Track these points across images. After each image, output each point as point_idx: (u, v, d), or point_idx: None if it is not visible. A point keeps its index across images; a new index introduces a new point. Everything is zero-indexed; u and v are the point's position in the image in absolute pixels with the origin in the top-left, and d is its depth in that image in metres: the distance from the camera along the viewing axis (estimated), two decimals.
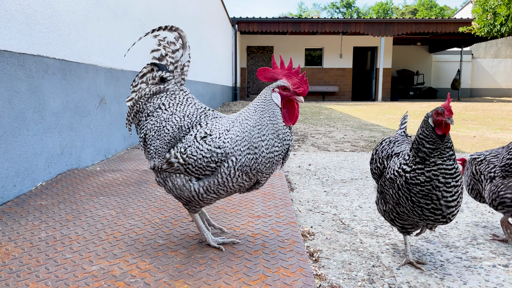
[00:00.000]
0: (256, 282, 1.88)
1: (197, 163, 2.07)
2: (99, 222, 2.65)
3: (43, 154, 3.47)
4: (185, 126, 2.20)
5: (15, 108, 3.07)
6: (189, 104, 2.30)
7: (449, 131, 2.02)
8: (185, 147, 2.12)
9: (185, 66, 2.42)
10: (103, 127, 4.69)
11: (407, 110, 2.90)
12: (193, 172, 2.10)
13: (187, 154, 2.09)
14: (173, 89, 2.35)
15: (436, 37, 23.57)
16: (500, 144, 6.72)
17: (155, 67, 2.40)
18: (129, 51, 5.23)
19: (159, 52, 2.42)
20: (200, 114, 2.24)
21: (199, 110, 2.27)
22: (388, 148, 2.43)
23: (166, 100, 2.32)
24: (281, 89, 2.05)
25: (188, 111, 2.25)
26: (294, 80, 2.04)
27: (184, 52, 2.42)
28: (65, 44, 3.84)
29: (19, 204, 2.96)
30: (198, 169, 2.08)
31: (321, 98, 23.52)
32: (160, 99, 2.33)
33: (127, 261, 2.11)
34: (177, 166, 2.12)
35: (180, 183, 2.15)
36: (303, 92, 2.03)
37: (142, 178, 3.78)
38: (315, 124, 9.59)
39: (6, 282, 1.87)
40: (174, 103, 2.30)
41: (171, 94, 2.34)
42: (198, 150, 2.08)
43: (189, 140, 2.14)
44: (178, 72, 2.40)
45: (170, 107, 2.29)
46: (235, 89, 19.28)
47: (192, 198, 2.14)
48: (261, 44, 23.42)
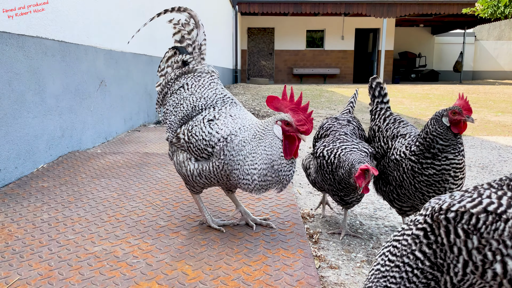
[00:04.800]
0: (256, 263, 1.91)
1: (197, 143, 2.09)
2: (100, 204, 2.67)
3: (44, 136, 3.47)
4: (199, 107, 2.23)
5: (15, 90, 3.06)
6: (211, 88, 2.31)
7: None
8: (192, 125, 2.16)
9: (202, 46, 2.46)
10: (103, 110, 4.68)
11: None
12: (193, 152, 2.12)
13: (192, 132, 2.13)
14: (201, 70, 2.38)
15: (439, 18, 23.27)
16: (502, 127, 6.71)
17: (177, 51, 2.44)
18: (128, 33, 5.18)
19: (179, 35, 2.44)
20: (217, 100, 2.26)
21: (217, 95, 2.28)
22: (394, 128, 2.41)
23: (191, 80, 2.35)
24: (284, 124, 1.97)
25: (207, 94, 2.27)
26: (300, 117, 1.95)
27: (199, 31, 2.44)
28: (64, 25, 3.80)
29: (21, 186, 2.98)
30: (197, 150, 2.10)
31: (322, 80, 23.38)
32: (186, 78, 2.37)
33: (129, 242, 2.13)
34: (183, 142, 2.16)
35: (181, 159, 2.19)
36: (307, 131, 1.94)
37: (143, 161, 3.79)
38: (316, 107, 9.56)
39: (9, 262, 1.90)
40: (197, 85, 2.32)
41: (198, 76, 2.36)
42: (201, 131, 2.10)
43: (198, 120, 2.17)
44: (197, 52, 2.44)
45: (191, 88, 2.32)
46: (235, 72, 19.15)
47: (187, 177, 2.17)
48: (262, 25, 23.14)
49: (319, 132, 2.57)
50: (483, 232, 1.13)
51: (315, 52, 23.58)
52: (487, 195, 1.18)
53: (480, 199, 1.17)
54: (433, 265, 1.23)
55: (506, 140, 5.62)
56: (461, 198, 1.22)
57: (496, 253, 1.13)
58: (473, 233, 1.14)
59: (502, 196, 1.17)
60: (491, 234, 1.13)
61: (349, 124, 2.50)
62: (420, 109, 9.28)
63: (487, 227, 1.13)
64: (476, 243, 1.14)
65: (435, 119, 2.02)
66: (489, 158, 4.50)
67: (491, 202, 1.15)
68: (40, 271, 1.82)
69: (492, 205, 1.14)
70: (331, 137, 2.41)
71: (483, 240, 1.13)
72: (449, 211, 1.17)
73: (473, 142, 5.48)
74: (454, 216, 1.16)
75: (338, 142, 2.32)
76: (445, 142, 1.98)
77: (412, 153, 2.08)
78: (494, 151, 4.89)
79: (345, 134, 2.40)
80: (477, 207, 1.15)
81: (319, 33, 23.95)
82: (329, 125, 2.52)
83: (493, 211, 1.13)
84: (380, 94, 2.53)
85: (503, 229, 1.12)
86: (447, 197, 1.26)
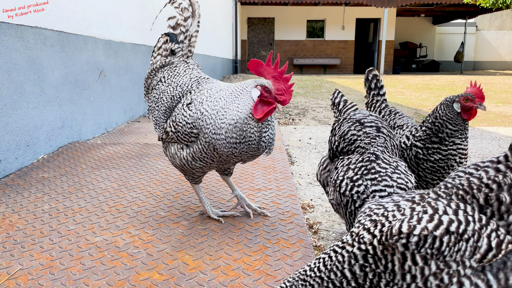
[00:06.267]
0: (256, 253, 1.92)
1: (183, 129, 2.08)
2: (101, 195, 2.68)
3: (43, 127, 3.47)
4: (177, 96, 2.22)
5: (14, 81, 3.05)
6: (185, 75, 2.30)
7: None
8: (175, 115, 2.15)
9: (192, 37, 2.42)
10: (103, 100, 4.67)
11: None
12: (182, 140, 2.10)
13: (176, 122, 2.11)
14: (177, 62, 2.37)
15: (440, 8, 23.10)
16: (502, 118, 6.70)
17: (168, 38, 2.42)
18: (127, 23, 5.15)
19: (174, 20, 2.42)
20: (192, 83, 2.24)
21: (192, 79, 2.26)
22: (390, 120, 2.43)
23: (167, 73, 2.35)
24: (263, 89, 1.93)
25: (182, 81, 2.26)
26: (280, 86, 1.92)
27: (193, 21, 2.40)
28: (63, 16, 3.77)
29: (21, 176, 2.98)
30: (185, 136, 2.08)
31: (322, 71, 23.29)
32: (162, 72, 2.36)
33: (129, 232, 2.14)
34: (171, 134, 2.15)
35: (173, 151, 2.18)
36: (284, 101, 1.91)
37: (143, 151, 3.80)
38: (316, 97, 9.54)
39: (11, 253, 1.91)
40: (172, 75, 2.32)
41: (174, 67, 2.36)
42: (183, 116, 2.09)
43: (178, 108, 2.16)
44: (186, 43, 2.41)
45: (168, 79, 2.31)
46: (235, 62, 19.06)
47: (183, 165, 2.16)
48: (262, 15, 22.98)
49: (338, 143, 1.96)
50: (446, 255, 1.05)
51: (316, 42, 23.46)
52: (443, 210, 1.09)
53: (439, 217, 1.07)
54: (358, 287, 1.15)
55: (506, 131, 5.61)
56: (415, 215, 1.10)
57: (453, 276, 1.06)
58: (433, 258, 1.05)
59: (458, 211, 1.09)
60: (453, 256, 1.06)
61: (379, 134, 1.87)
62: (421, 99, 9.26)
63: (450, 249, 1.05)
64: (434, 268, 1.06)
65: (446, 105, 2.05)
66: (489, 149, 4.50)
67: (451, 220, 1.07)
68: (42, 261, 1.84)
69: (453, 224, 1.06)
70: (357, 159, 1.80)
71: (441, 264, 1.06)
72: (412, 235, 1.05)
73: (473, 132, 5.47)
74: (417, 241, 1.05)
75: (367, 173, 1.71)
76: (454, 127, 2.00)
77: (417, 138, 2.10)
78: (494, 142, 4.89)
79: (376, 157, 1.76)
80: (439, 227, 1.05)
81: (319, 23, 23.79)
82: (353, 136, 1.90)
83: (455, 231, 1.05)
84: (377, 86, 2.53)
85: (465, 249, 1.05)
86: (396, 213, 1.14)
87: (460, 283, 1.06)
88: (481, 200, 1.11)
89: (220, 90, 2.07)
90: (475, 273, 1.07)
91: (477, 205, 1.11)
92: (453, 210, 1.09)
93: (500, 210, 1.10)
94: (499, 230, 1.09)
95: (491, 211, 1.11)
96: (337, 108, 2.19)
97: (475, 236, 1.06)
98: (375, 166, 1.70)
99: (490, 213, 1.11)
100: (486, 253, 1.07)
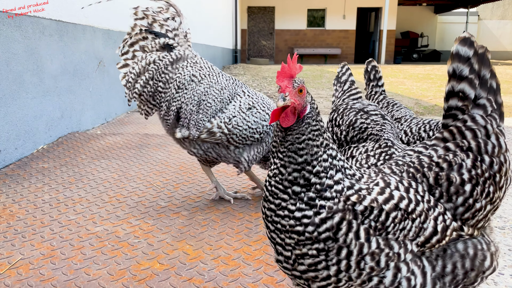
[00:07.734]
0: (256, 243, 1.93)
1: (242, 133, 2.17)
2: (101, 185, 2.68)
3: (43, 117, 3.46)
4: (226, 98, 2.24)
5: (13, 71, 3.03)
6: (221, 74, 2.30)
7: None
8: (229, 117, 2.18)
9: (187, 34, 2.37)
10: (102, 90, 4.65)
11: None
12: (236, 142, 2.20)
13: (233, 124, 2.17)
14: (192, 56, 2.30)
15: None
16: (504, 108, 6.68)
17: (149, 35, 2.27)
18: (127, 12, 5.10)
19: (145, 21, 2.30)
20: (234, 86, 2.29)
21: (230, 81, 2.30)
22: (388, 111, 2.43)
23: (194, 70, 2.24)
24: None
25: (224, 83, 2.27)
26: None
27: (182, 19, 2.36)
28: (61, 5, 3.73)
29: (21, 166, 2.98)
30: (241, 138, 2.19)
31: (323, 60, 23.16)
32: (186, 68, 2.23)
33: (130, 222, 2.15)
34: (220, 135, 2.17)
35: (225, 151, 2.28)
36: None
37: (143, 142, 3.79)
38: (317, 87, 9.50)
39: (12, 242, 1.92)
40: (203, 74, 2.25)
41: (195, 63, 2.27)
42: (245, 121, 2.18)
43: (235, 111, 2.19)
44: (182, 39, 2.33)
45: (204, 79, 2.24)
46: (235, 52, 18.95)
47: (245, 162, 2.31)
48: (262, 4, 22.78)
49: (347, 132, 1.93)
50: (390, 232, 0.99)
51: (316, 31, 23.30)
52: (395, 186, 1.04)
53: (390, 191, 1.02)
54: None
55: (507, 121, 5.60)
56: (369, 185, 1.04)
57: (391, 259, 0.99)
58: (376, 233, 0.99)
59: (409, 189, 1.05)
60: (396, 234, 1.00)
61: (385, 121, 1.90)
62: (422, 89, 9.23)
63: (395, 226, 1.00)
64: (374, 246, 0.98)
65: None
66: None
67: (402, 196, 1.02)
68: (43, 250, 1.84)
69: (403, 201, 1.01)
70: (374, 146, 1.79)
71: (382, 242, 0.99)
72: (358, 203, 0.99)
73: None
74: (363, 210, 0.99)
75: (388, 159, 1.70)
76: None
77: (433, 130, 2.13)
78: None
79: (392, 143, 1.79)
80: (389, 202, 1.00)
81: (320, 12, 23.61)
82: (362, 124, 1.89)
83: (404, 208, 1.00)
84: (375, 78, 2.53)
85: (409, 229, 1.00)
86: (352, 180, 1.04)
87: (397, 268, 1.00)
88: (431, 180, 1.08)
89: (268, 97, 2.22)
90: (413, 259, 1.02)
91: (426, 184, 1.08)
92: (405, 187, 1.05)
93: (449, 191, 1.07)
94: (446, 214, 1.06)
95: (440, 192, 1.07)
96: (341, 86, 2.11)
97: (421, 216, 1.02)
98: (394, 151, 1.72)
99: (438, 194, 1.07)
100: (431, 236, 1.02)
